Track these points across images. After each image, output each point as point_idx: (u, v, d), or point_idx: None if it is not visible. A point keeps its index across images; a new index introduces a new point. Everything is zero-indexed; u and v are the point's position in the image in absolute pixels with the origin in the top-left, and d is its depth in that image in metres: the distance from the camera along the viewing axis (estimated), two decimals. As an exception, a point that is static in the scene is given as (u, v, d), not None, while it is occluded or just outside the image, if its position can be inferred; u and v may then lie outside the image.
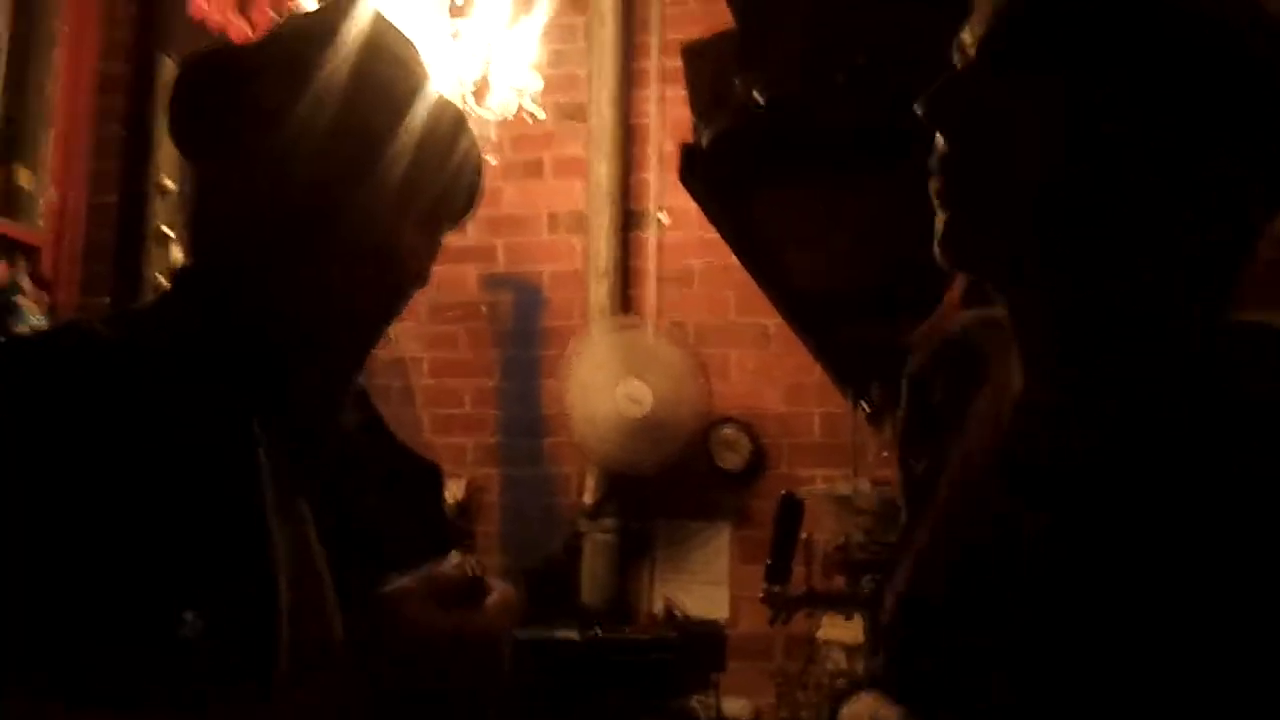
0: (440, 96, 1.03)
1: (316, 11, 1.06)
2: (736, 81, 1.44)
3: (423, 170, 0.99)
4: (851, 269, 2.09)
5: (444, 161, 1.02)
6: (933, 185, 0.81)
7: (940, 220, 0.80)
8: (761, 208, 1.73)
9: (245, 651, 0.89)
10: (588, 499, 3.84)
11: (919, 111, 0.80)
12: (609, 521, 3.82)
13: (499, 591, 0.88)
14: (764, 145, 1.50)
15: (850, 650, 2.72)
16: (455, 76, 3.18)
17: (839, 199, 1.67)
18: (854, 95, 1.36)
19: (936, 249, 0.81)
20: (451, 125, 1.03)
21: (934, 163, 0.81)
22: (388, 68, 1.00)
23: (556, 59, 3.84)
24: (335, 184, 0.96)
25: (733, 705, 3.16)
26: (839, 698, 2.48)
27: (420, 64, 1.04)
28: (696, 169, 1.59)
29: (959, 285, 0.98)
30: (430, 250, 1.04)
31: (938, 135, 0.81)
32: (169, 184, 3.27)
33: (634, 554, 3.83)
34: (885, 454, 3.17)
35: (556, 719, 2.72)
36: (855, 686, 2.48)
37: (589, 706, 2.75)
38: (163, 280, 3.25)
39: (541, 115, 3.44)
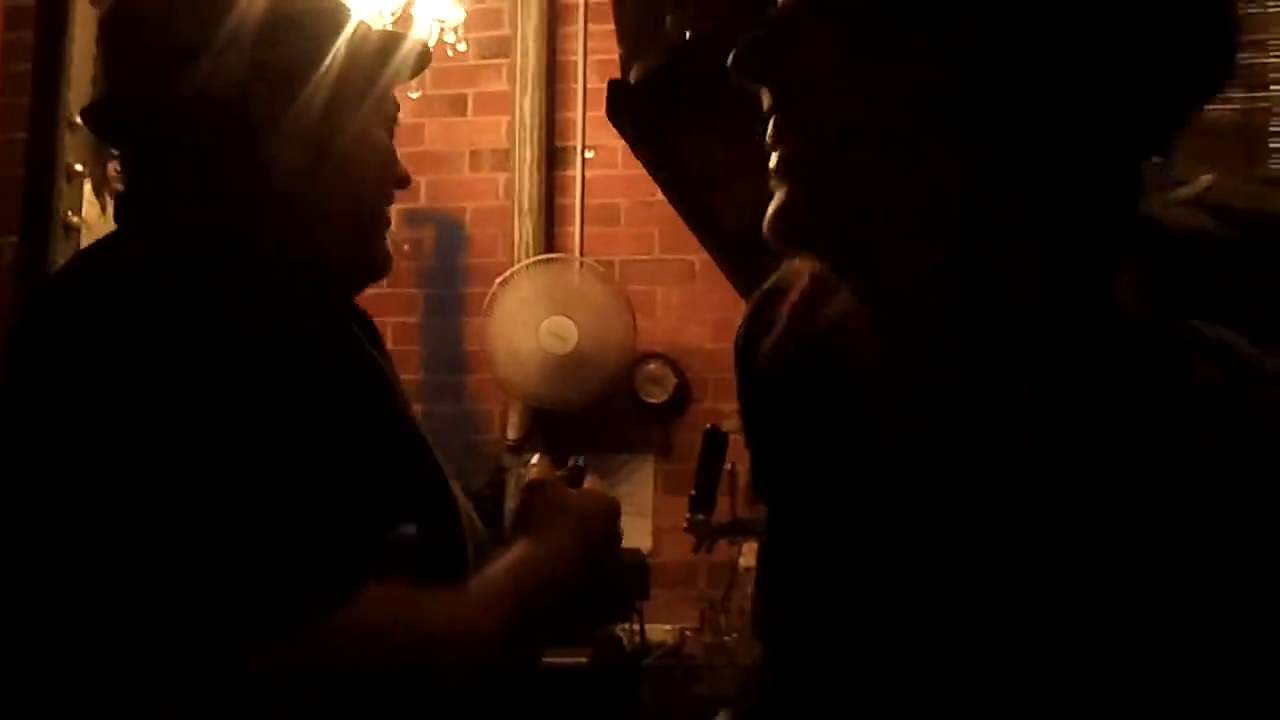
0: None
1: None
2: (666, 19, 1.44)
3: (363, 76, 1.03)
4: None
5: (381, 62, 1.05)
6: (771, 158, 0.69)
7: (777, 198, 0.69)
8: (689, 145, 1.74)
9: (444, 555, 0.97)
10: (512, 434, 3.86)
11: (733, 74, 0.69)
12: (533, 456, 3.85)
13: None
14: (692, 83, 1.51)
15: (773, 578, 2.79)
16: (375, 8, 3.13)
17: (764, 135, 1.68)
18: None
19: (766, 230, 0.70)
20: (380, 37, 1.07)
21: (769, 131, 0.70)
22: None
23: (479, -8, 3.80)
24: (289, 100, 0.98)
25: (657, 631, 3.22)
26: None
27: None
28: (624, 106, 1.59)
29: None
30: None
31: (764, 98, 0.70)
32: (78, 121, 3.19)
33: (560, 489, 3.86)
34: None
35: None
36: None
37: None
38: (74, 218, 3.18)
39: (463, 49, 3.40)
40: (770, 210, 0.69)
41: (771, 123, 0.69)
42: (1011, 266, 0.64)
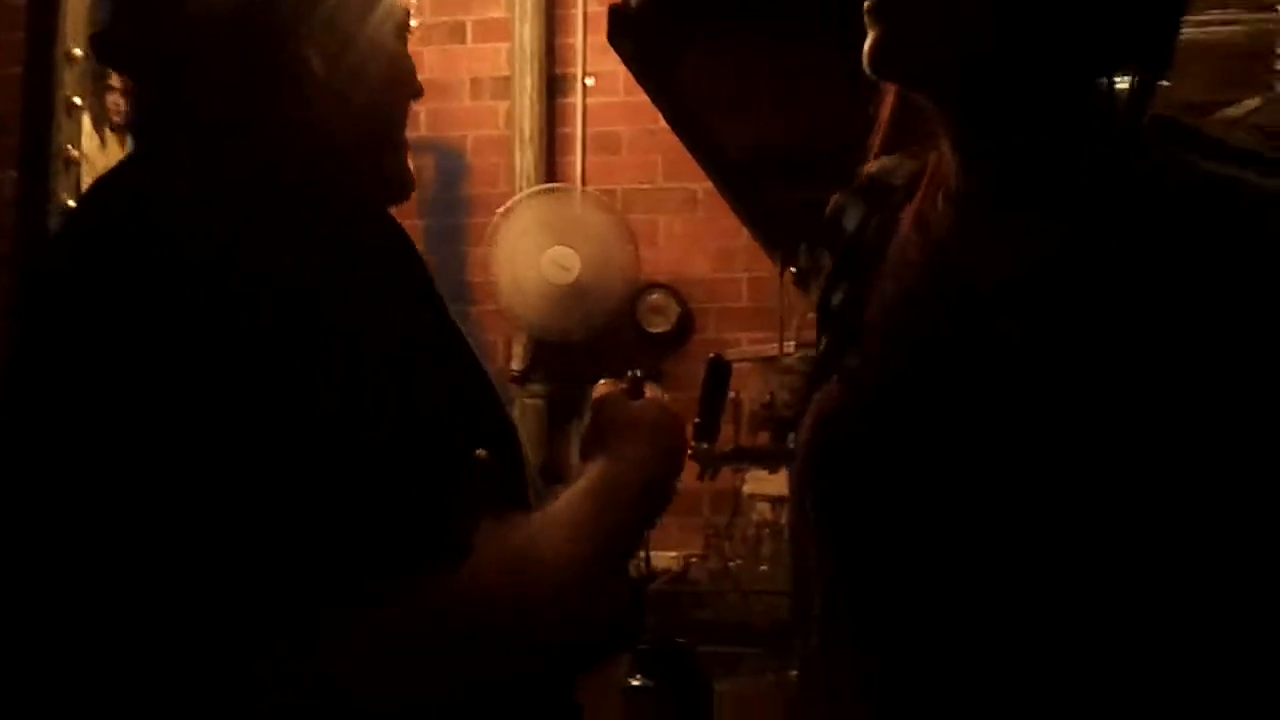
0: None
1: None
2: (667, -58, 1.42)
3: None
4: (780, 132, 2.10)
5: None
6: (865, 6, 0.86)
7: (871, 36, 0.85)
8: (691, 71, 1.73)
9: (509, 478, 0.97)
10: (515, 365, 3.86)
11: None
12: (536, 387, 3.86)
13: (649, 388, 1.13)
14: (694, 7, 1.50)
15: (774, 502, 2.81)
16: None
17: (768, 61, 1.67)
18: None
19: (865, 63, 0.86)
20: None
21: None
22: None
23: (476, -83, 3.74)
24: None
25: (662, 558, 3.26)
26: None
27: None
28: (625, 31, 1.58)
29: (877, 141, 1.00)
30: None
31: None
32: (77, 53, 3.16)
33: (562, 419, 3.88)
34: (811, 316, 3.22)
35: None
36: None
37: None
38: (73, 151, 3.16)
39: (462, -24, 3.36)
40: (867, 47, 0.85)
41: None
42: (1071, 89, 0.83)
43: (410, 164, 1.07)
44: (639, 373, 1.14)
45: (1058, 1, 0.82)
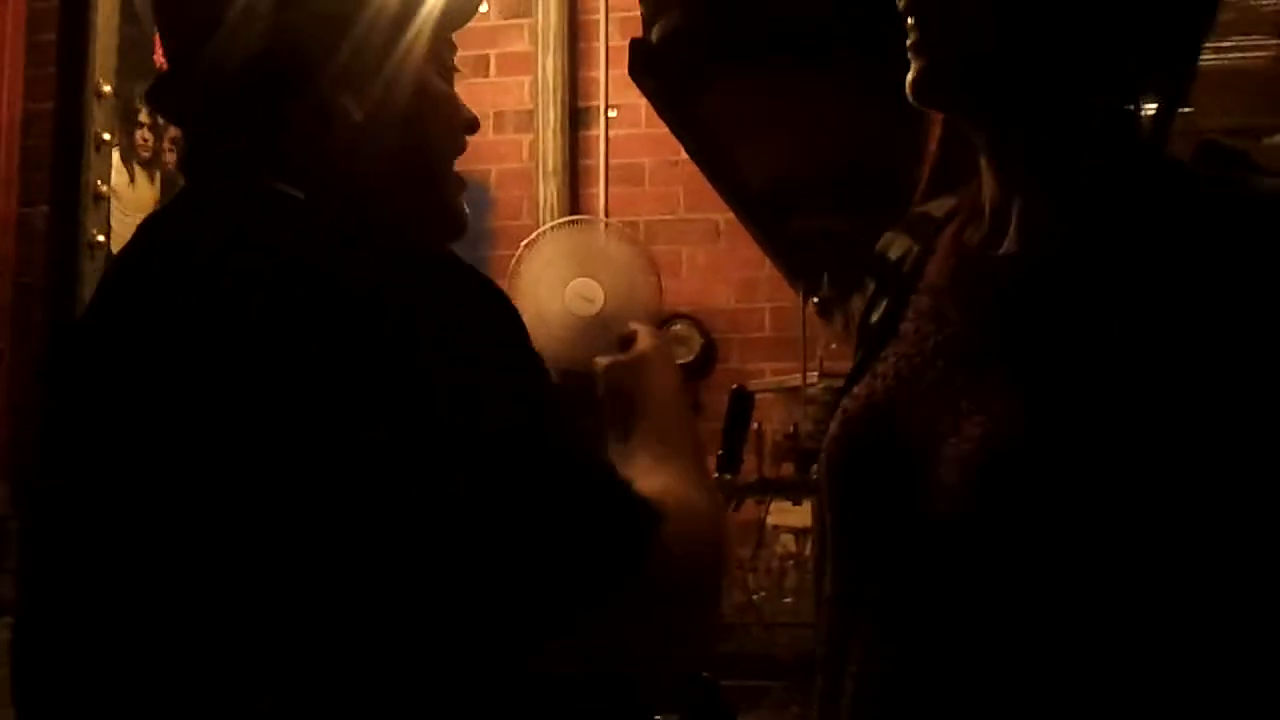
0: None
1: None
2: (687, -25, 1.43)
3: (416, 24, 1.01)
4: (802, 162, 2.10)
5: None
6: (908, 40, 0.91)
7: (915, 67, 0.90)
8: (713, 102, 1.73)
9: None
10: (541, 397, 3.86)
11: None
12: (563, 419, 3.86)
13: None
14: (715, 40, 1.50)
15: (799, 533, 2.80)
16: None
17: (790, 92, 1.68)
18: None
19: (910, 93, 0.91)
20: None
21: (906, 20, 0.91)
22: None
23: (499, -47, 3.78)
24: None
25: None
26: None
27: None
28: (646, 66, 1.58)
29: (925, 173, 1.04)
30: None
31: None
32: (106, 89, 3.21)
33: (588, 450, 3.87)
34: (834, 346, 3.22)
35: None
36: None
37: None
38: (103, 186, 3.20)
39: (484, 10, 3.39)
40: (911, 78, 0.90)
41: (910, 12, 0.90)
42: (1121, 103, 0.89)
43: (462, 200, 1.08)
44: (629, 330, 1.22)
45: (1093, 20, 0.86)
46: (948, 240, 0.98)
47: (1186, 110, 0.91)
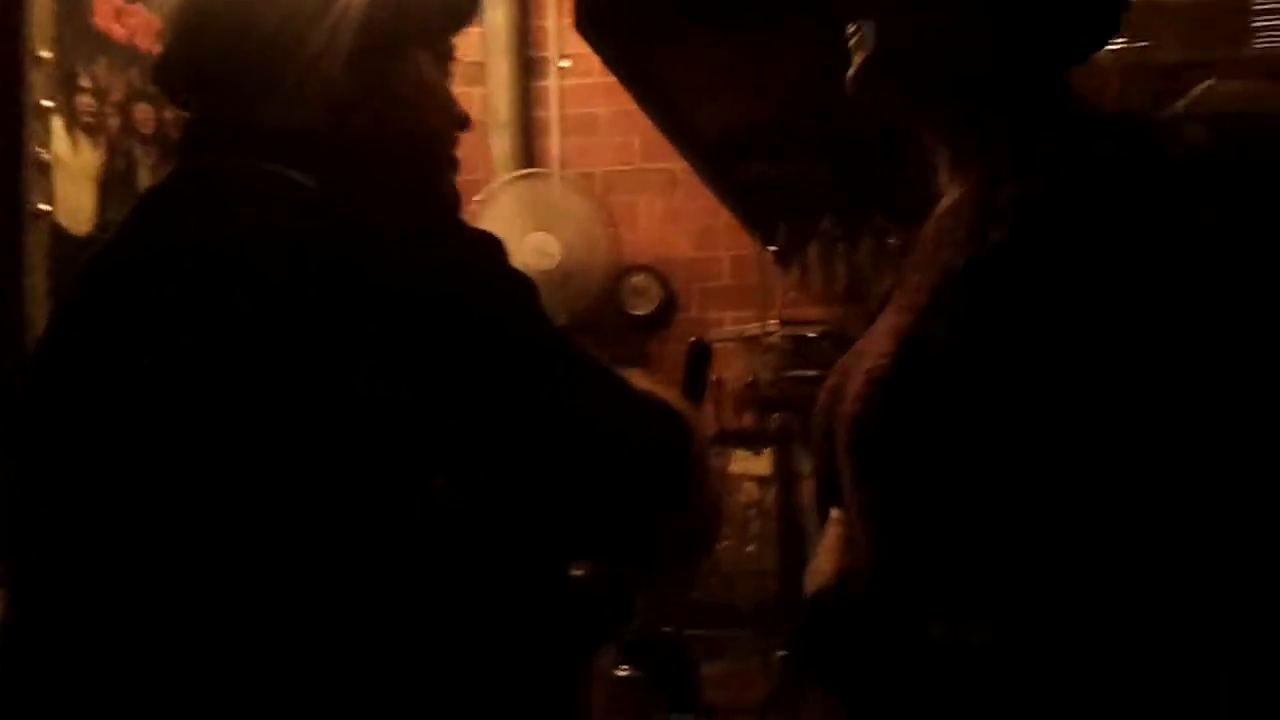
0: None
1: None
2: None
3: (419, 20, 1.06)
4: (755, 110, 2.09)
5: None
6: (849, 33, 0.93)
7: (856, 60, 0.92)
8: (660, 52, 1.71)
9: None
10: (502, 353, 3.85)
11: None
12: (524, 374, 3.84)
13: None
14: (660, -9, 1.48)
15: (760, 481, 2.82)
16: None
17: (738, 40, 1.66)
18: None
19: (851, 86, 0.93)
20: None
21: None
22: None
23: (442, -98, 3.70)
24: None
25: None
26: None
27: None
28: (592, 16, 1.56)
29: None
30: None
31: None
32: (45, 55, 3.13)
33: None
34: (792, 294, 3.21)
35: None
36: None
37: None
38: (44, 154, 3.14)
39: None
40: (852, 72, 0.93)
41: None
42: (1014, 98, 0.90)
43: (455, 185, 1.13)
44: None
45: (1031, 11, 0.88)
46: (925, 232, 1.00)
47: (1143, 44, 0.93)
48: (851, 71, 0.93)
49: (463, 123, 1.12)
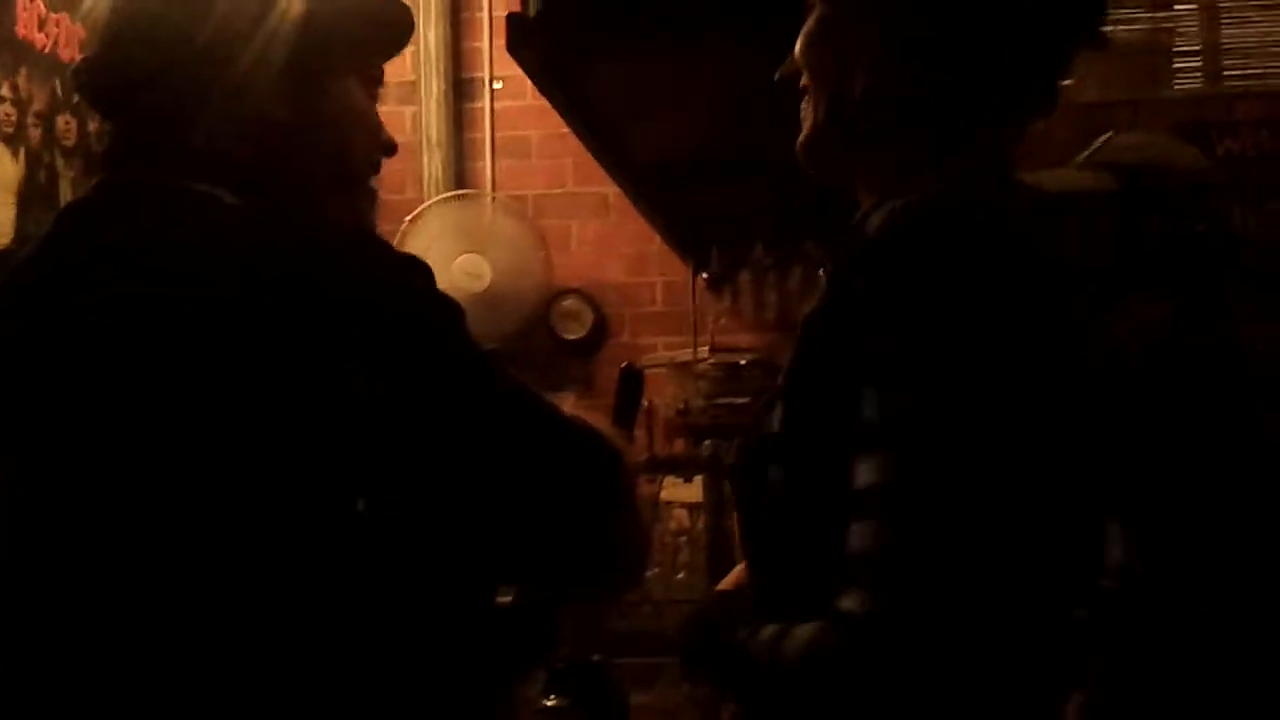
0: None
1: None
2: (564, -52, 1.40)
3: (348, 42, 1.05)
4: (686, 136, 2.09)
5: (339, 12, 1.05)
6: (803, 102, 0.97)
7: (806, 128, 0.96)
8: (593, 77, 1.71)
9: None
10: (430, 375, 3.81)
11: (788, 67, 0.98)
12: (453, 396, 3.81)
13: None
14: (593, 13, 1.48)
15: (691, 508, 2.81)
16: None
17: (670, 67, 1.66)
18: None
19: (800, 155, 0.97)
20: None
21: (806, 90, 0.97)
22: None
23: (377, -80, 3.68)
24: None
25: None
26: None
27: None
28: (524, 40, 1.55)
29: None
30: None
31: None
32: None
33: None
34: (723, 321, 3.23)
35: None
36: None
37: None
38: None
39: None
40: (802, 140, 0.97)
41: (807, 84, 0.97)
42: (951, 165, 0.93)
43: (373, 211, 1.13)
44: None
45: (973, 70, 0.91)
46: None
47: (1066, 83, 0.95)
48: (801, 139, 0.96)
49: (389, 147, 1.11)
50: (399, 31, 1.10)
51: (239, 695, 0.86)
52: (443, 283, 0.97)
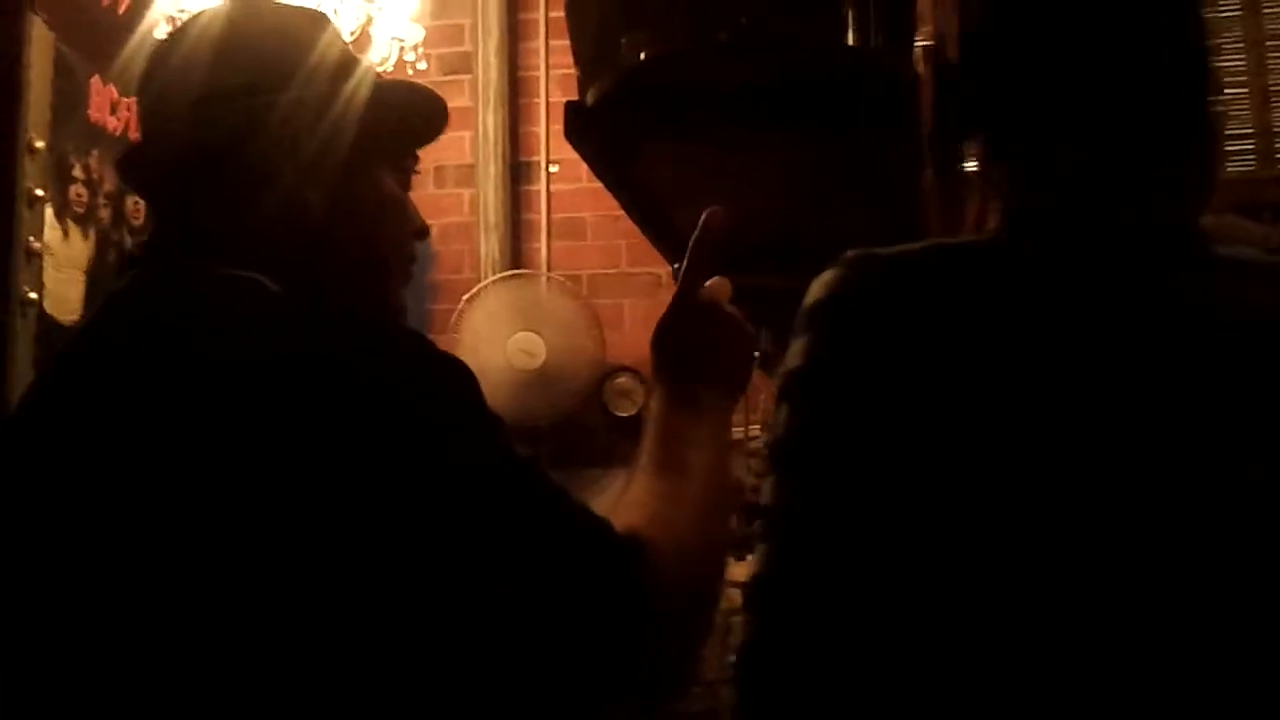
0: (335, 44, 1.05)
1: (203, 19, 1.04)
2: (621, 40, 1.44)
3: (385, 130, 1.04)
4: (742, 222, 2.11)
5: (378, 102, 1.04)
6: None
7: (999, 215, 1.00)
8: (649, 163, 1.74)
9: None
10: (484, 452, 3.83)
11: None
12: (505, 473, 3.83)
13: None
14: (649, 103, 1.51)
15: (744, 586, 2.79)
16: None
17: (726, 155, 1.69)
18: (736, 53, 1.38)
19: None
20: (360, 68, 1.06)
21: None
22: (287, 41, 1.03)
23: (440, 9, 3.79)
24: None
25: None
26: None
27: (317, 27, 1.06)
28: (582, 127, 1.59)
29: None
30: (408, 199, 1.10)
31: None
32: (39, 144, 3.17)
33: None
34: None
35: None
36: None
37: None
38: (35, 243, 3.16)
39: (424, 67, 3.40)
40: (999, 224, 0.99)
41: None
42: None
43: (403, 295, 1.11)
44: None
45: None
46: None
47: None
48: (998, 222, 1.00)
49: (421, 232, 1.11)
50: (435, 126, 1.10)
51: None
52: (499, 360, 0.96)
